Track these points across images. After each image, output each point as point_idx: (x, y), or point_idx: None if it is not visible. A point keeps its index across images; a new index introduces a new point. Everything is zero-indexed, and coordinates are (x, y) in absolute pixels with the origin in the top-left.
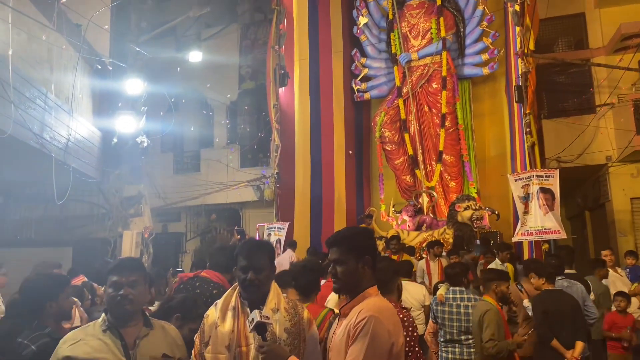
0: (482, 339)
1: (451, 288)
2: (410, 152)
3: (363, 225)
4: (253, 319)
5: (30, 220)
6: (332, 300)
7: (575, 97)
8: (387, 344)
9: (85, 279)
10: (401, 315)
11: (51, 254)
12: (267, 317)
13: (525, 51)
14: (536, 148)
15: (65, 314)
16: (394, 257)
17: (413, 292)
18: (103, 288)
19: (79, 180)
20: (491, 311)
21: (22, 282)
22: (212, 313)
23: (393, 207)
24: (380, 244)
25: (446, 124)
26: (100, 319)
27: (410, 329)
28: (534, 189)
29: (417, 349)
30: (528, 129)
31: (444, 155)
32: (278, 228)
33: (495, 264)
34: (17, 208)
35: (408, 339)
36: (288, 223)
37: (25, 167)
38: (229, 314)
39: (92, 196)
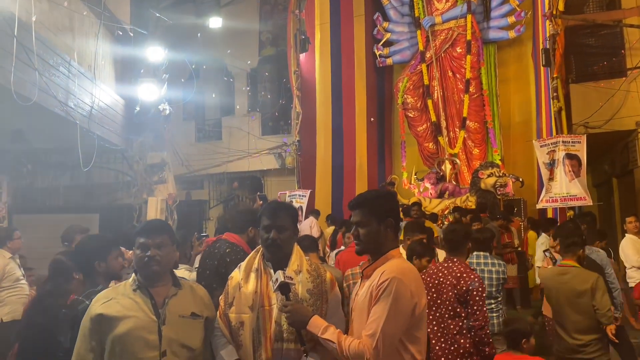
0: (596, 307)
1: (475, 253)
2: (434, 118)
3: None
4: (277, 279)
5: (58, 188)
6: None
7: (606, 60)
8: (410, 305)
9: None
10: (472, 276)
11: (79, 220)
12: (290, 277)
13: (554, 12)
14: (563, 113)
15: (113, 273)
16: None
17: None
18: (130, 252)
19: (104, 148)
20: (601, 278)
21: (77, 243)
22: (236, 275)
23: (415, 174)
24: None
25: (470, 89)
26: (130, 279)
27: (480, 289)
28: (560, 155)
29: (484, 308)
30: (555, 94)
31: (467, 122)
32: (300, 195)
33: (546, 238)
34: (45, 175)
35: (477, 298)
36: (309, 191)
37: (51, 134)
38: (252, 275)
39: (116, 164)
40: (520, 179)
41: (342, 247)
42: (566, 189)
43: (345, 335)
